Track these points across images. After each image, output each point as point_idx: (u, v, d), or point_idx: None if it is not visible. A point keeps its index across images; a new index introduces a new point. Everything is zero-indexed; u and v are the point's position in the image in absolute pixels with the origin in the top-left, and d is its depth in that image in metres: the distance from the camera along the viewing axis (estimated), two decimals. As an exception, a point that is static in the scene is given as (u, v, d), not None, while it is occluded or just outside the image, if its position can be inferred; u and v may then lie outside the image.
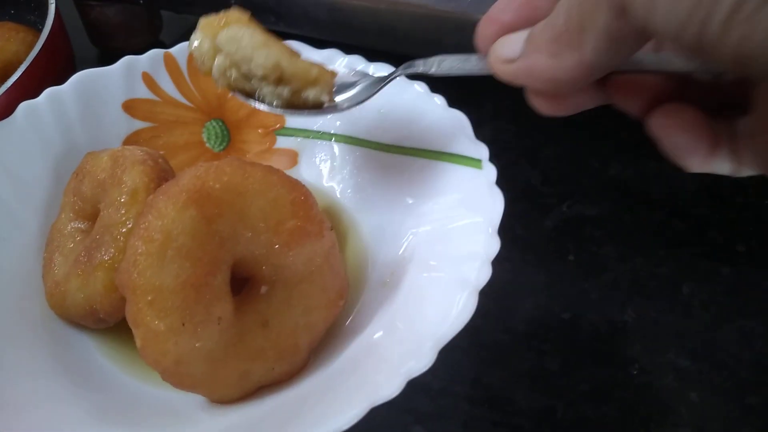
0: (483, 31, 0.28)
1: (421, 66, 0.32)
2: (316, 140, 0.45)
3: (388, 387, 0.27)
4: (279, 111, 0.35)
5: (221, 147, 0.47)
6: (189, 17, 0.64)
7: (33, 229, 0.39)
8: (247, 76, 0.34)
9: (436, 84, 0.43)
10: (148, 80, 0.45)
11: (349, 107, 0.35)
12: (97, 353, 0.36)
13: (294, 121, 0.46)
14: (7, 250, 0.38)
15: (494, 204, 0.34)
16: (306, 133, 0.46)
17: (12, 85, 0.42)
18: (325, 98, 0.34)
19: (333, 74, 0.35)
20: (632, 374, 0.38)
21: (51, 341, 0.36)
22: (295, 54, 0.34)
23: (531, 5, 0.27)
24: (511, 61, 0.25)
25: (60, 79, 0.43)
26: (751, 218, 0.47)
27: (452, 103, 0.40)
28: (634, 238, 0.45)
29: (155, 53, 0.45)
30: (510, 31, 0.26)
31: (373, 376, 0.29)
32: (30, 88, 0.43)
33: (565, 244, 0.44)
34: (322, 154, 0.45)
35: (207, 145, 0.47)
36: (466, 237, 0.34)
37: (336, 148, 0.45)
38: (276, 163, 0.46)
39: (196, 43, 0.35)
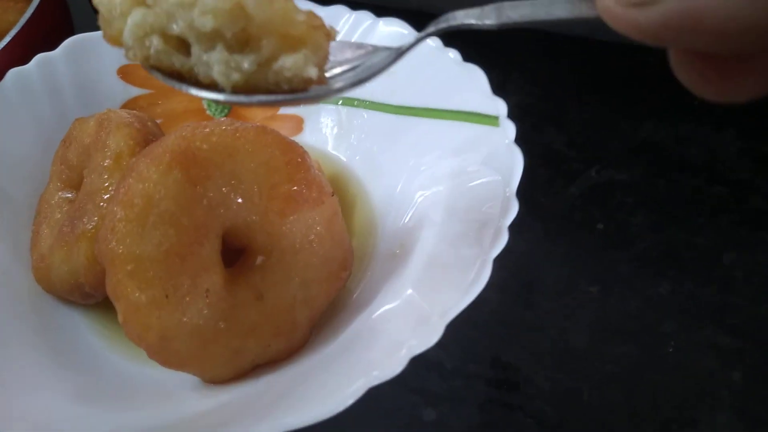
0: None
1: (464, 18, 0.21)
2: (321, 105, 0.42)
3: (390, 365, 0.24)
4: (232, 98, 0.22)
5: (223, 114, 0.44)
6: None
7: (21, 201, 0.37)
8: (182, 40, 0.22)
9: (451, 38, 0.39)
10: (144, 44, 0.42)
11: (344, 88, 0.23)
12: (86, 330, 0.34)
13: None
14: (-2, 224, 0.36)
15: (513, 163, 0.31)
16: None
17: (1, 49, 0.40)
18: (312, 71, 0.22)
19: (329, 33, 0.23)
20: (666, 353, 0.34)
21: (38, 319, 0.34)
22: None
23: None
24: (650, 1, 0.15)
25: (55, 44, 0.41)
26: None
27: (475, 59, 0.37)
28: (669, 205, 0.41)
29: (150, 14, 0.42)
30: None
31: (374, 353, 0.26)
32: (23, 54, 0.41)
33: (592, 213, 0.41)
34: (329, 119, 0.42)
35: (207, 112, 0.44)
36: (480, 200, 0.31)
37: (343, 112, 0.42)
38: (280, 129, 0.43)
39: None
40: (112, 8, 0.23)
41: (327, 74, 0.23)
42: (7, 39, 0.41)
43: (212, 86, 0.22)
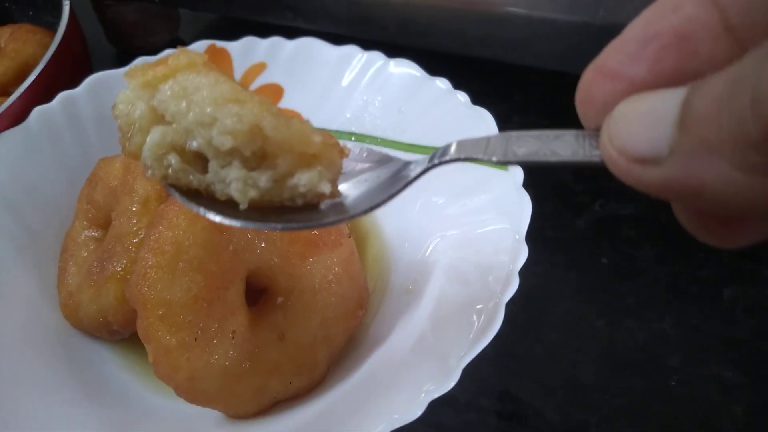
0: (591, 91, 0.18)
1: (474, 150, 0.21)
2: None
3: (410, 408, 0.26)
4: (248, 225, 0.22)
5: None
6: (207, 14, 0.63)
7: (48, 237, 0.38)
8: (201, 159, 0.22)
9: (461, 76, 0.41)
10: (164, 81, 0.44)
11: (361, 212, 0.22)
12: (113, 365, 0.35)
13: (313, 119, 0.45)
14: (24, 259, 0.37)
15: (522, 209, 0.32)
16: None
17: (27, 88, 0.42)
18: (326, 187, 0.22)
19: (342, 151, 0.23)
20: (671, 386, 0.35)
21: (66, 353, 0.35)
22: (284, 114, 0.22)
23: (684, 46, 0.16)
24: (652, 161, 0.15)
25: (76, 81, 0.43)
26: None
27: (478, 94, 0.38)
28: (673, 238, 0.42)
29: (169, 53, 0.44)
30: (641, 90, 0.16)
31: (395, 395, 0.27)
32: (45, 90, 0.42)
33: (598, 246, 0.42)
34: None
35: (224, 146, 0.45)
36: (492, 244, 0.32)
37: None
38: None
39: (121, 107, 0.24)
40: (131, 123, 0.23)
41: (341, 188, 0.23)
42: (32, 77, 0.42)
43: (228, 202, 0.22)
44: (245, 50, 0.44)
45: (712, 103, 0.14)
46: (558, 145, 0.19)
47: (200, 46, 0.44)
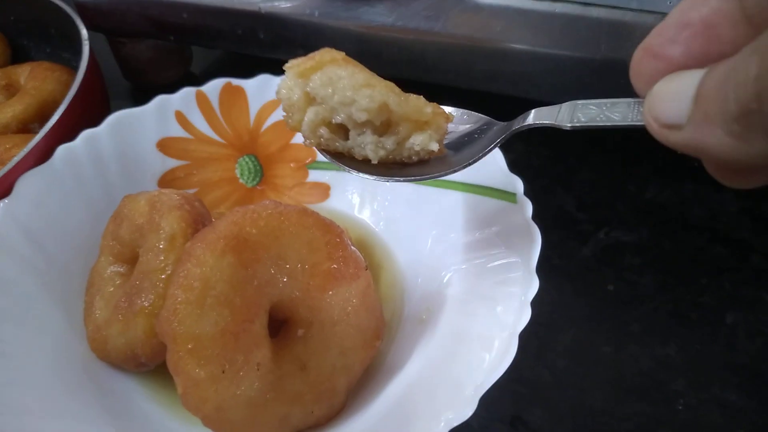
0: (640, 67, 0.22)
1: (548, 117, 0.27)
2: (345, 174, 0.45)
3: (430, 436, 0.27)
4: (381, 178, 0.30)
5: (254, 182, 0.47)
6: (217, 51, 0.65)
7: (73, 272, 0.40)
8: (343, 129, 0.30)
9: (470, 107, 0.43)
10: (181, 119, 0.46)
11: (463, 165, 0.30)
12: (139, 396, 0.36)
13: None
14: (50, 294, 0.38)
15: (532, 242, 0.34)
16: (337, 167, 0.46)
17: (51, 127, 0.43)
18: (434, 146, 0.30)
19: (447, 117, 0.30)
20: (678, 410, 0.37)
21: (94, 385, 0.36)
22: (403, 93, 0.29)
23: (710, 32, 0.20)
24: (676, 127, 0.19)
25: (95, 116, 0.44)
26: None
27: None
28: (675, 265, 0.44)
29: (187, 92, 0.45)
30: (679, 69, 0.21)
31: (414, 423, 0.29)
32: (68, 128, 0.44)
33: (603, 274, 0.43)
34: (353, 187, 0.45)
35: (240, 180, 0.47)
36: (503, 275, 0.34)
37: (367, 181, 0.45)
38: (308, 196, 0.47)
39: (284, 92, 0.31)
40: (291, 104, 0.30)
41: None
42: (56, 116, 0.44)
43: (364, 161, 0.31)
44: (260, 88, 0.46)
45: (714, 85, 0.18)
46: (613, 111, 0.24)
47: (216, 84, 0.46)
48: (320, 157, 0.46)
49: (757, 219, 0.46)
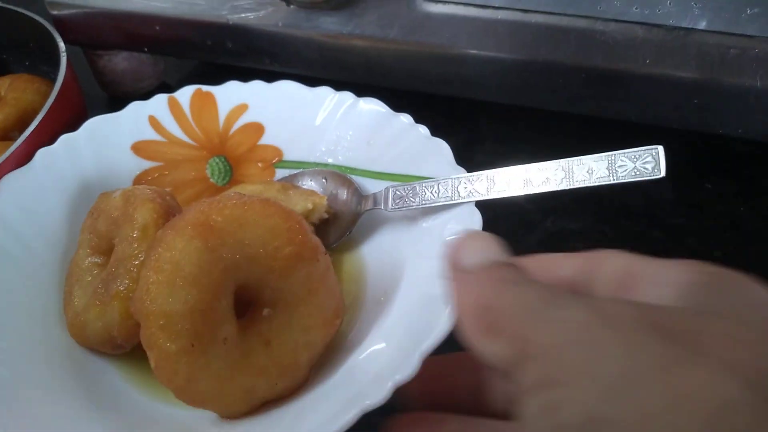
0: None
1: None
2: (306, 171, 0.48)
3: (377, 394, 0.30)
4: None
5: (224, 181, 0.50)
6: (190, 61, 0.68)
7: (54, 265, 0.42)
8: None
9: (425, 111, 0.46)
10: (154, 123, 0.49)
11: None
12: (116, 377, 0.39)
13: (291, 154, 0.50)
14: (32, 286, 0.41)
15: (473, 221, 0.37)
16: (303, 165, 0.49)
17: (30, 133, 0.46)
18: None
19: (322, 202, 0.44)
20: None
21: (74, 368, 0.39)
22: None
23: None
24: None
25: (73, 125, 0.47)
26: (727, 225, 0.49)
27: (440, 127, 0.43)
28: (616, 248, 0.47)
29: (160, 98, 0.49)
30: None
31: (365, 387, 0.32)
32: (47, 134, 0.47)
33: (549, 258, 0.47)
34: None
35: (211, 180, 0.50)
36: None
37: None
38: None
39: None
40: None
41: None
42: (35, 123, 0.46)
43: None
44: (228, 93, 0.49)
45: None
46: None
47: (187, 90, 0.49)
48: (287, 156, 0.50)
49: (692, 206, 0.50)
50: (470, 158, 0.41)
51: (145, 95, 0.49)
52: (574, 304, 0.20)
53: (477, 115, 0.57)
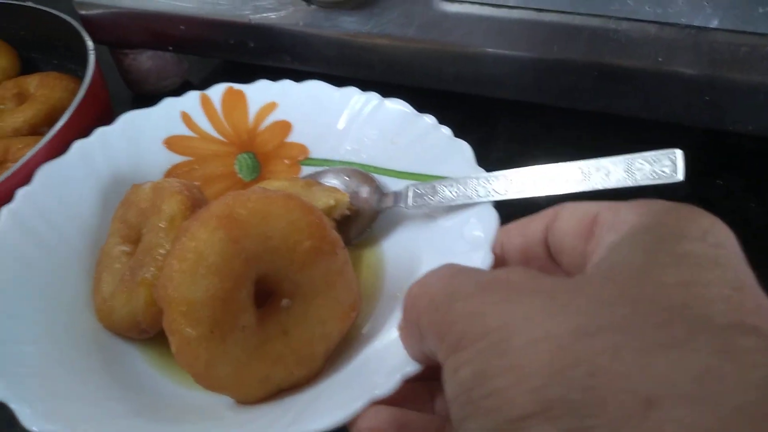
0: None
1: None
2: (329, 168, 0.50)
3: (386, 385, 0.31)
4: None
5: (252, 177, 0.52)
6: (213, 61, 0.70)
7: (85, 252, 0.44)
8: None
9: (448, 111, 0.47)
10: (186, 119, 0.50)
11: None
12: (140, 360, 0.41)
13: (317, 151, 0.51)
14: (64, 272, 0.43)
15: (491, 220, 0.38)
16: (328, 163, 0.50)
17: (59, 129, 0.47)
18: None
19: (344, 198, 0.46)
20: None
21: (100, 351, 0.40)
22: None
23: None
24: None
25: (101, 121, 0.49)
26: (738, 221, 0.48)
27: (462, 125, 0.44)
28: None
29: (192, 95, 0.50)
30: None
31: (374, 377, 0.33)
32: (75, 130, 0.48)
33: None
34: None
35: (239, 175, 0.52)
36: (464, 256, 0.37)
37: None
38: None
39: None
40: None
41: None
42: (65, 118, 0.47)
43: None
44: (258, 92, 0.51)
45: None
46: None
47: (219, 88, 0.51)
48: (313, 154, 0.51)
49: (704, 202, 0.49)
50: (486, 156, 0.42)
51: (169, 93, 0.51)
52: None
53: (492, 113, 0.58)
